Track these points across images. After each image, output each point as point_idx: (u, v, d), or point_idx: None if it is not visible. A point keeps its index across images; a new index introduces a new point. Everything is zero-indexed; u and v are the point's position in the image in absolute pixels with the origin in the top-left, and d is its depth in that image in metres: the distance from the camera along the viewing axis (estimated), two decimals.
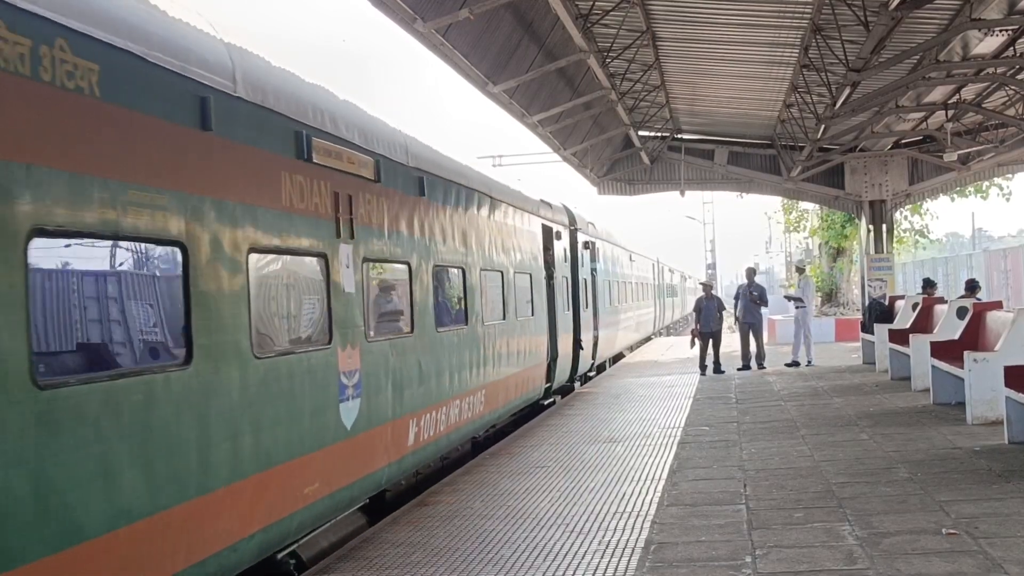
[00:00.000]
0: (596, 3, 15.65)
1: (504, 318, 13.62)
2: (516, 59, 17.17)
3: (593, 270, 22.29)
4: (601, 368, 24.68)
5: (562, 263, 18.54)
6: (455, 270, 11.50)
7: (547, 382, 16.79)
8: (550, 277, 17.34)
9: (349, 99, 8.70)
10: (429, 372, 9.99)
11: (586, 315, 20.81)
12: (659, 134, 27.05)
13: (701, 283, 24.97)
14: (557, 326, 17.53)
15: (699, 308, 21.39)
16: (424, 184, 10.14)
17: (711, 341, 21.03)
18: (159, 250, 5.61)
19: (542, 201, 17.52)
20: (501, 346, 13.26)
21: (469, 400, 11.50)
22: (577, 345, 19.41)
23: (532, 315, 15.51)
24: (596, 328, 22.20)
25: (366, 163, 8.53)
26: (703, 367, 20.94)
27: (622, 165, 28.74)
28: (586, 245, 21.14)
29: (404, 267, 9.62)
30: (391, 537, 8.14)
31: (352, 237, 8.07)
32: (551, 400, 17.61)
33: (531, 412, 16.13)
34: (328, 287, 7.63)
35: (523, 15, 16.13)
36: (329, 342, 7.61)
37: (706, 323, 20.93)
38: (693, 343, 21.81)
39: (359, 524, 9.00)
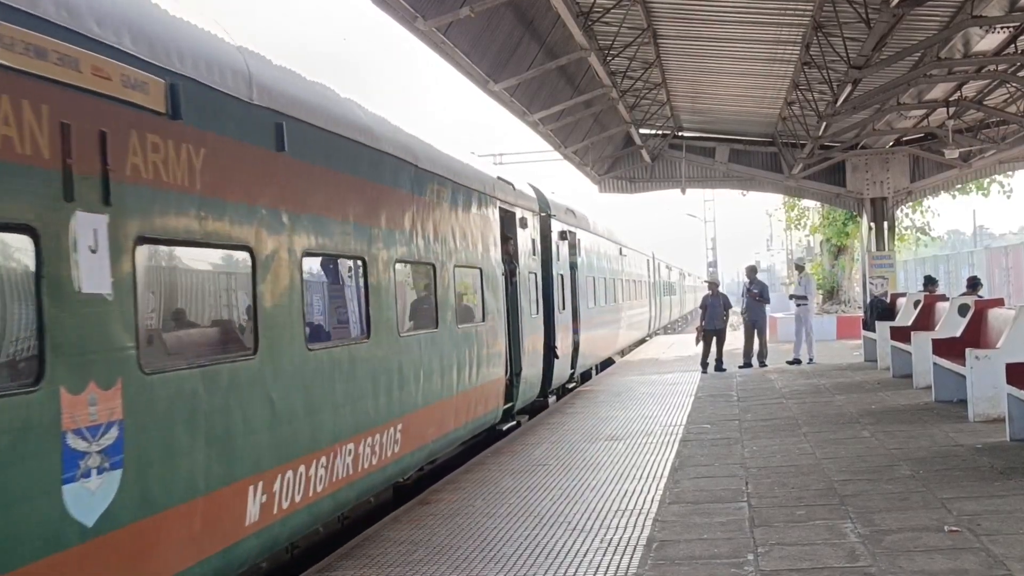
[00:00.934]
0: (597, 1, 15.65)
1: (436, 326, 10.53)
2: (517, 57, 17.16)
3: (573, 265, 19.49)
4: (587, 376, 22.03)
5: (529, 257, 15.48)
6: (347, 262, 8.61)
7: (507, 402, 13.67)
8: (511, 274, 14.24)
9: None
10: (291, 410, 6.99)
11: (563, 317, 18.01)
12: (660, 132, 27.05)
13: (707, 281, 24.89)
14: (522, 333, 14.51)
15: (704, 305, 21.36)
16: (284, 133, 6.98)
17: (715, 339, 20.98)
18: None
19: (500, 179, 14.09)
20: (430, 363, 10.15)
21: (373, 440, 8.49)
22: (551, 353, 16.59)
23: (482, 320, 12.38)
24: (576, 332, 19.31)
25: (143, 84, 5.48)
26: (704, 365, 20.92)
27: (623, 163, 28.75)
28: (563, 236, 18.29)
29: (242, 255, 6.53)
30: (393, 535, 8.14)
31: (106, 202, 5.10)
32: (513, 424, 14.34)
33: (488, 438, 13.24)
34: (38, 284, 4.64)
35: (524, 13, 16.13)
36: (36, 382, 4.58)
37: (711, 321, 20.88)
38: (698, 340, 21.76)
39: None
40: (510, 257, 14.27)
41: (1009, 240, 71.05)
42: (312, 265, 7.97)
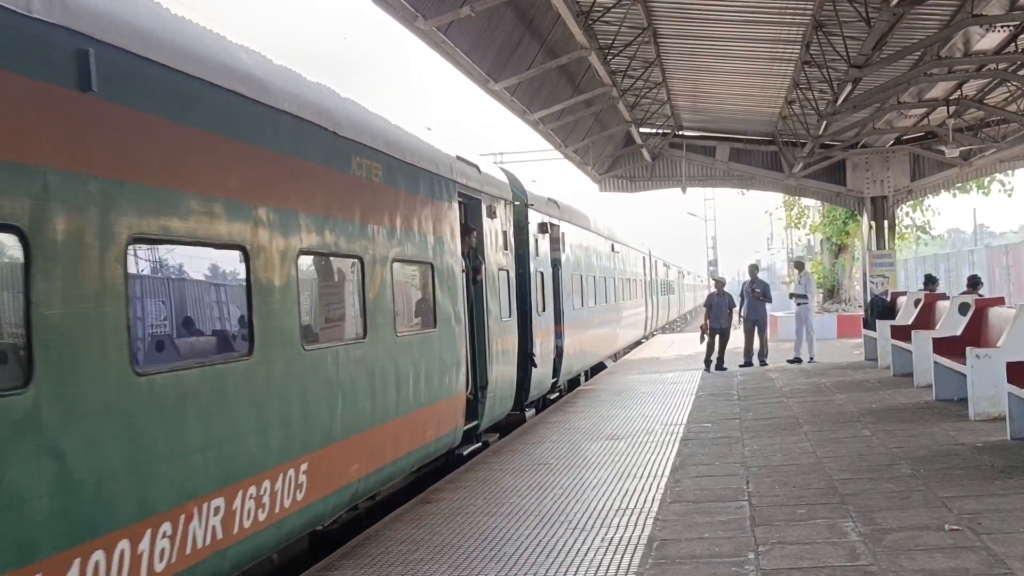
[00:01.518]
0: (597, 0, 15.65)
1: (364, 335, 8.44)
2: (517, 56, 17.16)
3: (556, 262, 17.76)
4: (575, 383, 20.25)
5: (498, 251, 13.23)
6: (217, 253, 6.47)
7: (468, 422, 11.59)
8: (475, 271, 12.12)
9: None
10: (102, 467, 4.94)
11: (543, 320, 16.03)
12: (660, 131, 27.04)
13: (714, 279, 24.55)
14: (490, 339, 12.35)
15: (709, 304, 21.35)
16: (91, 65, 4.96)
17: (719, 337, 20.92)
18: None
19: (460, 159, 11.76)
20: (353, 383, 8.10)
21: (260, 490, 6.44)
22: (528, 361, 14.69)
23: (433, 326, 10.25)
24: (560, 336, 17.55)
25: None
26: (707, 363, 20.90)
27: (623, 162, 28.75)
28: (544, 228, 16.43)
29: (11, 240, 4.54)
30: (394, 534, 8.15)
31: None
32: (477, 447, 12.20)
33: (446, 465, 11.37)
34: None
35: (524, 12, 16.12)
36: None
37: (715, 319, 20.86)
38: (703, 338, 21.72)
39: None
40: (474, 252, 12.15)
41: (1009, 239, 71.04)
42: (154, 256, 5.87)
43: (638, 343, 33.40)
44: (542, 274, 16.31)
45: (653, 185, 28.99)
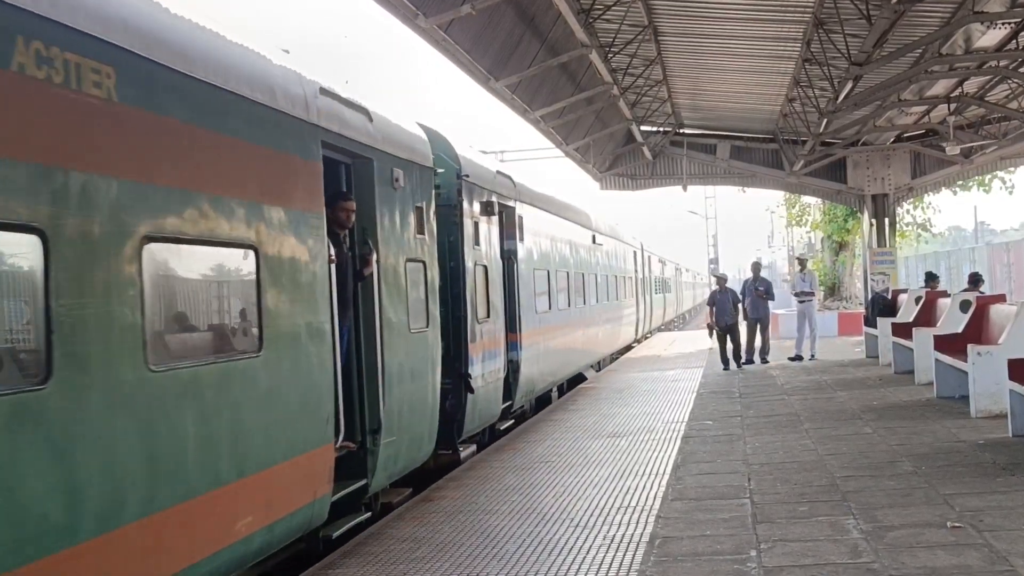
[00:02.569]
0: None
1: (46, 379, 4.55)
2: (518, 54, 17.18)
3: (511, 253, 14.05)
4: (545, 401, 16.98)
5: (406, 236, 9.23)
6: None
7: (350, 479, 8.09)
8: (363, 262, 8.36)
9: None
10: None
11: (488, 328, 12.34)
12: (661, 129, 27.06)
13: (715, 276, 24.18)
14: (386, 361, 8.48)
15: (713, 301, 21.26)
16: None
17: (728, 335, 20.78)
18: None
19: (324, 92, 7.75)
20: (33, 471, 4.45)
21: None
22: (464, 386, 11.23)
23: (255, 350, 6.50)
24: (517, 347, 13.94)
25: None
26: (725, 361, 20.67)
27: (624, 160, 28.77)
28: (489, 210, 12.57)
29: None
30: (396, 532, 8.15)
31: None
32: (363, 517, 8.39)
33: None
34: None
35: (524, 10, 16.14)
36: None
37: (720, 317, 20.78)
38: (712, 334, 21.61)
39: None
40: (359, 237, 8.46)
41: (1010, 236, 71.03)
42: None
43: (629, 347, 29.76)
44: (486, 269, 12.33)
45: (654, 183, 29.02)
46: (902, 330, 17.44)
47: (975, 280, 19.02)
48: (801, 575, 6.28)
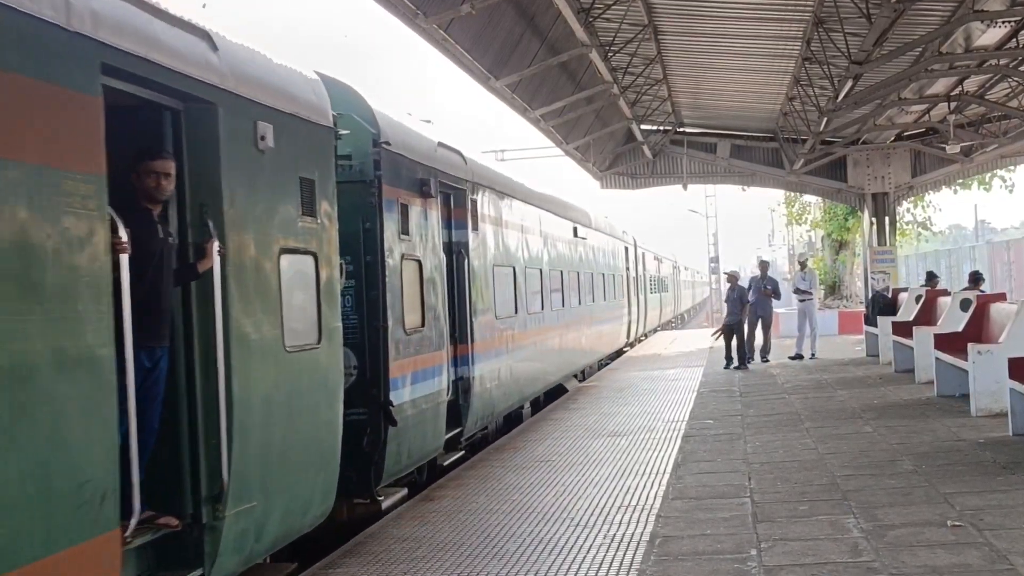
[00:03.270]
0: None
1: None
2: (518, 54, 17.18)
3: (460, 247, 11.49)
4: (515, 420, 14.56)
5: (287, 222, 6.82)
6: None
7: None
8: (195, 256, 5.94)
9: None
10: None
11: (423, 341, 9.79)
12: (661, 128, 27.05)
13: (725, 273, 23.54)
14: (237, 398, 5.97)
15: (727, 300, 21.19)
16: None
17: (734, 333, 20.65)
18: None
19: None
20: None
21: None
22: (383, 417, 8.71)
23: None
24: (470, 361, 11.48)
25: None
26: (728, 359, 20.56)
27: (624, 159, 28.76)
28: (426, 190, 9.99)
29: None
30: (396, 532, 8.15)
31: None
32: None
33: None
34: None
35: (524, 9, 16.14)
36: None
37: (728, 314, 20.70)
38: (718, 335, 21.49)
39: None
40: (194, 215, 6.01)
41: (1011, 235, 71.03)
42: None
43: (620, 352, 27.31)
44: (419, 265, 9.79)
45: (654, 182, 29.01)
46: (902, 329, 17.44)
47: (975, 279, 19.01)
48: (801, 574, 6.29)
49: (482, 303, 12.12)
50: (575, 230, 19.49)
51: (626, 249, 28.28)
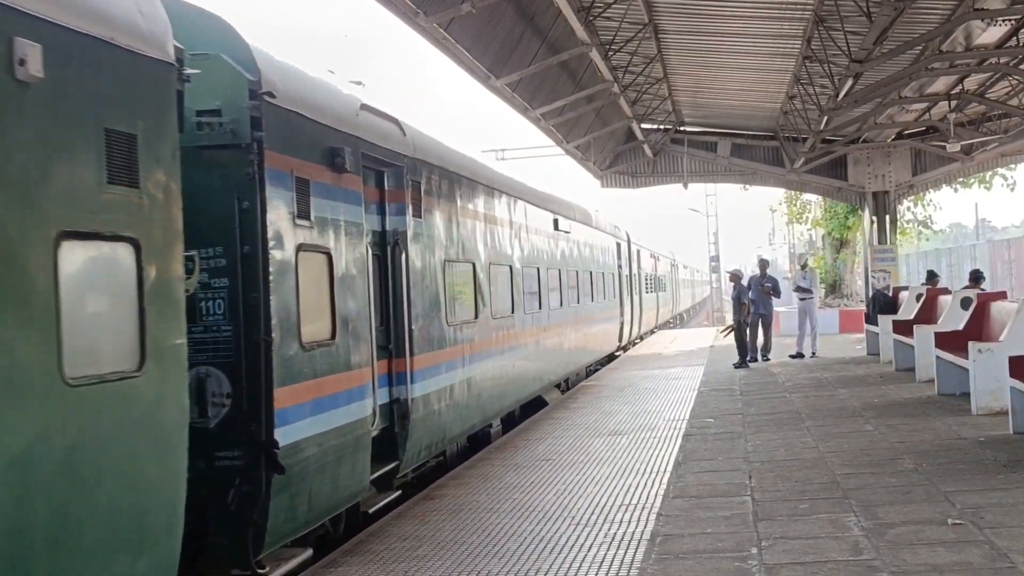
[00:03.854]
0: None
1: None
2: (518, 53, 17.18)
3: (396, 238, 9.38)
4: (479, 442, 12.50)
5: (72, 194, 4.70)
6: None
7: None
8: None
9: None
10: None
11: (331, 357, 7.68)
12: (662, 127, 27.05)
13: (728, 272, 23.35)
14: None
15: (733, 298, 21.24)
16: None
17: (738, 331, 20.64)
18: None
19: None
20: None
21: None
22: (265, 464, 6.58)
23: None
24: (407, 382, 9.28)
25: None
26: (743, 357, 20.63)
27: (625, 158, 28.76)
28: (339, 163, 7.86)
29: None
30: (397, 531, 8.16)
31: None
32: None
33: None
34: None
35: (525, 8, 16.14)
36: None
37: (734, 312, 20.71)
38: (727, 332, 21.48)
39: None
40: None
41: (1011, 233, 71.01)
42: None
43: (611, 357, 25.22)
44: (329, 259, 7.70)
45: (655, 181, 29.01)
46: (903, 327, 17.44)
47: (976, 277, 19.01)
48: (802, 572, 6.29)
49: (428, 307, 9.93)
50: (556, 222, 17.38)
51: (618, 245, 26.16)
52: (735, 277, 21.38)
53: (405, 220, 9.47)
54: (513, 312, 13.88)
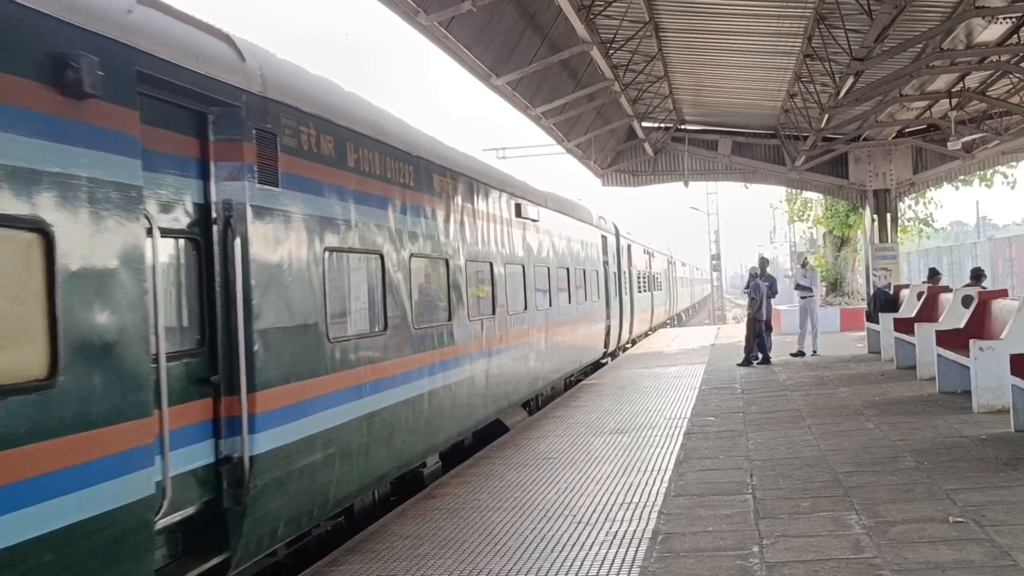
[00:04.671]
0: None
1: None
2: (519, 51, 17.17)
3: (228, 214, 6.43)
4: (408, 484, 10.11)
5: None
6: None
7: None
8: None
9: None
10: None
11: (33, 408, 4.48)
12: (662, 125, 27.06)
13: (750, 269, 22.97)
14: None
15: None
16: None
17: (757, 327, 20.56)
18: None
19: None
20: None
21: None
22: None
23: None
24: (242, 430, 6.25)
25: None
26: (763, 354, 20.59)
27: (626, 156, 28.76)
28: (69, 76, 4.81)
29: None
30: (398, 529, 8.16)
31: None
32: None
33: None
34: None
35: (525, 7, 16.14)
36: None
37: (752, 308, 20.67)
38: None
39: None
40: None
41: (1013, 231, 71.02)
42: None
43: (598, 365, 22.65)
44: (47, 241, 4.73)
45: (655, 179, 29.03)
46: (904, 325, 17.44)
47: (977, 275, 19.00)
48: (804, 570, 6.29)
49: (289, 316, 6.97)
50: (519, 208, 14.35)
51: (604, 239, 23.30)
52: (752, 275, 21.13)
53: (244, 188, 6.45)
54: (451, 318, 10.87)
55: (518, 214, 14.39)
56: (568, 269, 18.33)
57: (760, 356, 20.69)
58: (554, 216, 17.36)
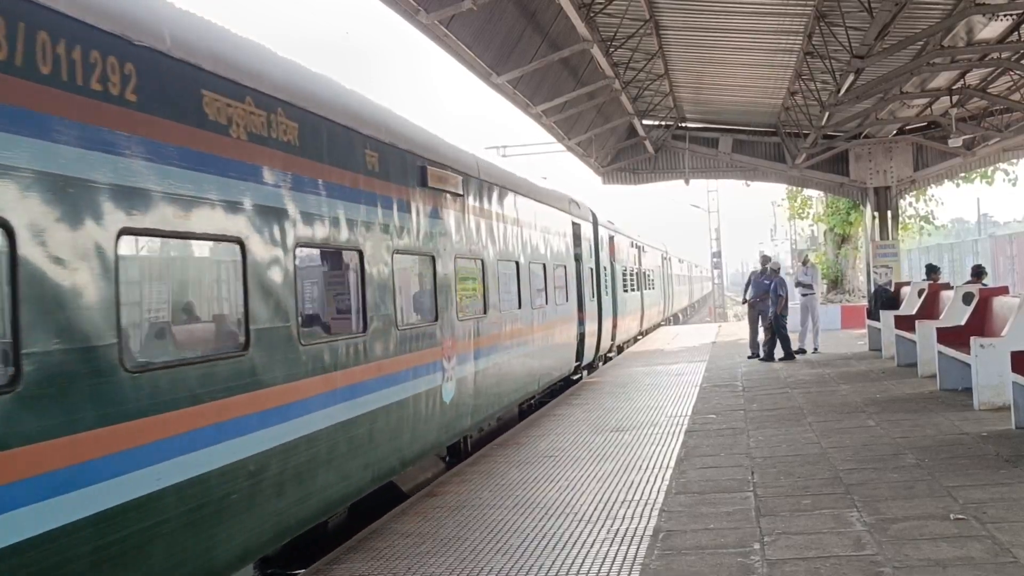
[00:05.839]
0: None
1: None
2: (519, 50, 17.17)
3: None
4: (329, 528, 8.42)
5: None
6: None
7: None
8: None
9: None
10: None
11: None
12: (663, 123, 27.05)
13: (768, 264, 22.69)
14: None
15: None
16: None
17: (773, 323, 20.50)
18: None
19: None
20: None
21: None
22: None
23: None
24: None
25: None
26: (785, 350, 20.55)
27: (626, 154, 28.75)
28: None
29: None
30: (400, 528, 8.17)
31: None
32: None
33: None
34: None
35: (525, 5, 16.14)
36: None
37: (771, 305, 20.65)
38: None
39: None
40: None
41: (1013, 228, 70.99)
42: None
43: (573, 379, 19.10)
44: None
45: (656, 177, 29.03)
46: (905, 323, 17.44)
47: (978, 272, 18.99)
48: (805, 567, 6.30)
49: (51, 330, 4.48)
50: (424, 175, 9.84)
51: (576, 227, 19.24)
52: (774, 271, 21.03)
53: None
54: (367, 328, 8.09)
55: (423, 183, 9.83)
56: (518, 263, 13.96)
57: (784, 352, 20.57)
58: (517, 198, 14.05)
